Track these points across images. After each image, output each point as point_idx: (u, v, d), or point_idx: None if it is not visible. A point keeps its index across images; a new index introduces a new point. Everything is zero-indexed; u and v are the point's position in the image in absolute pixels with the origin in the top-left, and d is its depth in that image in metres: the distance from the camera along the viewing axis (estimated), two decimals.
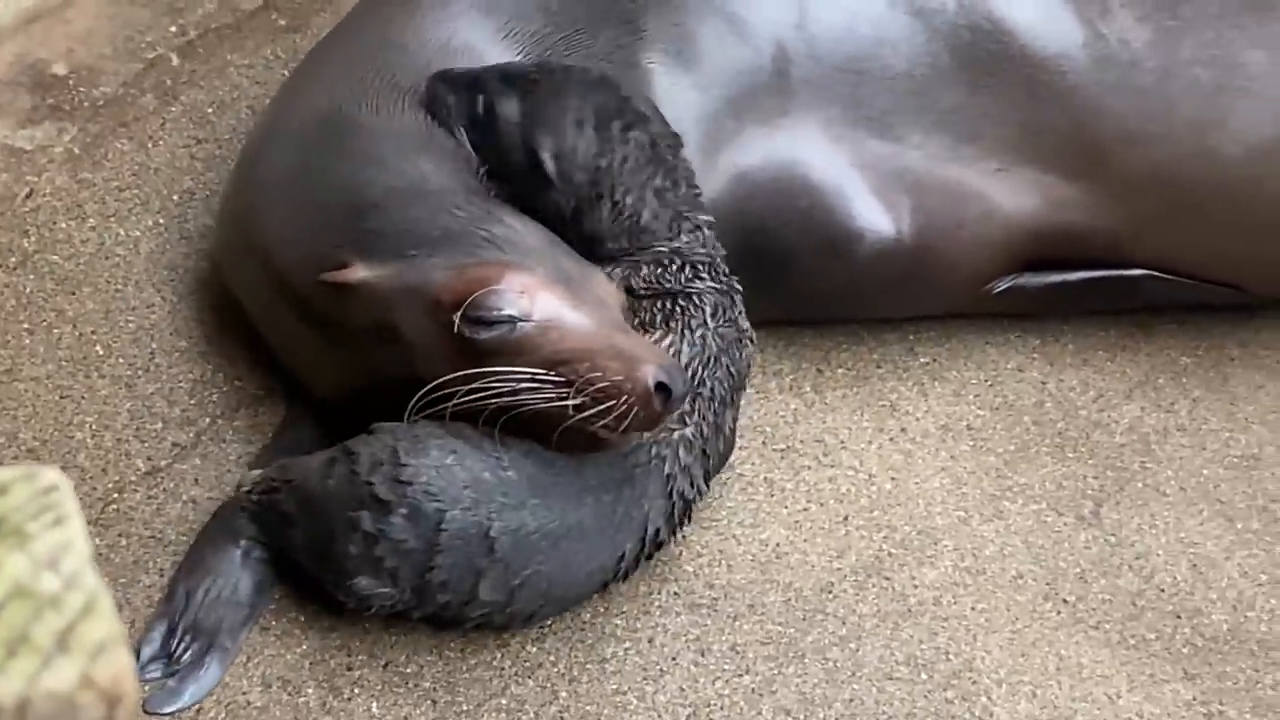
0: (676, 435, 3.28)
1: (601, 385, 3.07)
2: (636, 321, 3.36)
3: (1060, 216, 3.75)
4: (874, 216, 3.68)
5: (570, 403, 3.08)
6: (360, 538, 3.11)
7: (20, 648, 1.35)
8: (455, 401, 3.13)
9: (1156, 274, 3.85)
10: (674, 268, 3.42)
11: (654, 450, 3.25)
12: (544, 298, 3.15)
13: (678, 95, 3.66)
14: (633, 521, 3.24)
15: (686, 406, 3.29)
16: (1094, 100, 3.70)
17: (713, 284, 3.44)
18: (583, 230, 3.42)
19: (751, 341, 3.49)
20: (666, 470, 3.27)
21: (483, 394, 3.12)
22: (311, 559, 3.24)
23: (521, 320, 3.13)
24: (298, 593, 3.34)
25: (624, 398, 3.06)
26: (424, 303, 3.18)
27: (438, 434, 3.15)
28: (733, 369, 3.42)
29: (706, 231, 3.49)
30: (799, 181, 3.67)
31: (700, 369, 3.35)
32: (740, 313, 3.47)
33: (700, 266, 3.44)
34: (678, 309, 3.39)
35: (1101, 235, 3.78)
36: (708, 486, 3.40)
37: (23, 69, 4.08)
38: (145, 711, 3.16)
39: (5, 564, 1.40)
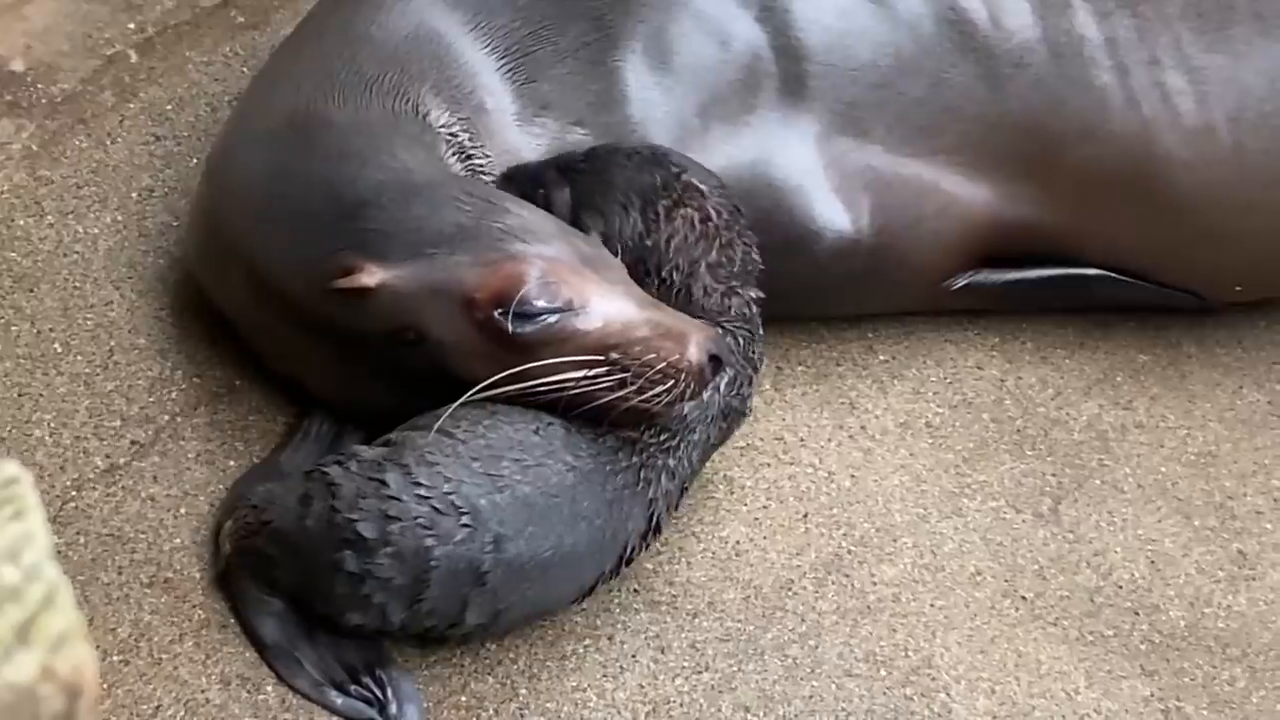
0: (662, 463, 3.28)
1: (659, 366, 3.08)
2: None
3: (1016, 212, 3.77)
4: (834, 215, 3.69)
5: (629, 389, 3.09)
6: (346, 578, 3.07)
7: None
8: (504, 393, 3.12)
9: (1110, 275, 3.87)
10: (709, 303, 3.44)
11: (642, 474, 3.25)
12: (580, 284, 3.14)
13: (645, 94, 3.66)
14: (616, 543, 3.23)
15: (675, 443, 3.30)
16: (1051, 95, 3.72)
17: (741, 358, 3.44)
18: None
19: (747, 414, 3.49)
20: (650, 494, 3.26)
21: (536, 387, 3.12)
22: (298, 596, 3.21)
23: (565, 310, 3.13)
24: None
25: (681, 374, 3.08)
26: (456, 302, 3.15)
27: (429, 456, 3.10)
28: (725, 431, 3.44)
29: (753, 308, 3.50)
30: (762, 181, 3.68)
31: (697, 421, 3.34)
32: (751, 392, 3.48)
33: (739, 338, 3.45)
34: None
35: (1055, 232, 3.80)
36: (678, 506, 3.40)
37: None
38: None
39: None
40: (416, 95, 3.53)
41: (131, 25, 4.30)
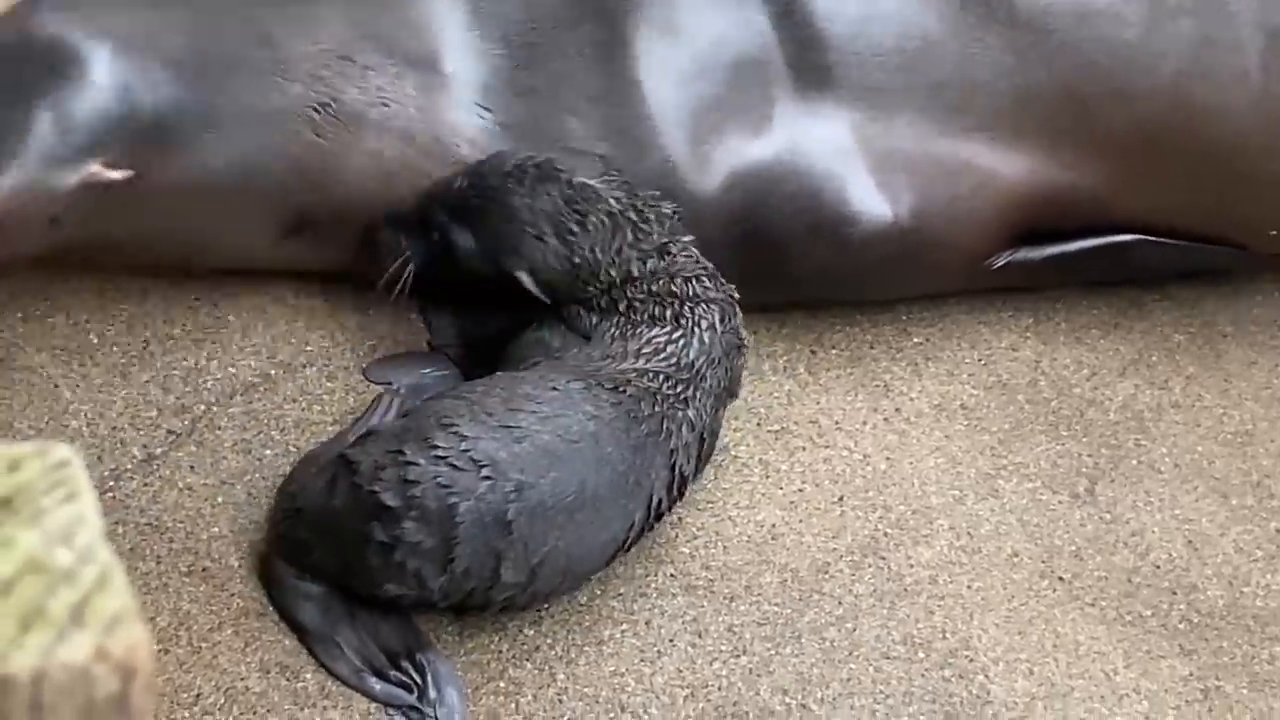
0: (681, 414, 3.30)
1: None
2: (643, 317, 3.39)
3: (1052, 183, 3.75)
4: (868, 199, 3.67)
5: None
6: (377, 548, 3.11)
7: (35, 621, 1.35)
8: None
9: (1149, 238, 3.85)
10: (680, 280, 3.44)
11: (664, 423, 3.27)
12: None
13: (661, 86, 3.66)
14: (641, 490, 3.25)
15: (691, 393, 3.33)
16: (1079, 59, 3.69)
17: (717, 294, 3.46)
18: (586, 303, 3.47)
19: (746, 346, 3.52)
20: (672, 444, 3.28)
21: None
22: (338, 575, 3.24)
23: None
24: None
25: None
26: None
27: (444, 417, 3.16)
28: (730, 372, 3.46)
29: (693, 249, 3.51)
30: (789, 169, 3.67)
31: (705, 367, 3.37)
32: (740, 322, 3.50)
33: (703, 278, 3.47)
34: (686, 310, 3.40)
35: (1093, 199, 3.78)
36: (700, 470, 3.42)
37: None
38: None
39: (19, 539, 1.40)
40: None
41: None
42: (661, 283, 3.44)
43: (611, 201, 3.44)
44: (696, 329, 3.40)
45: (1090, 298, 4.01)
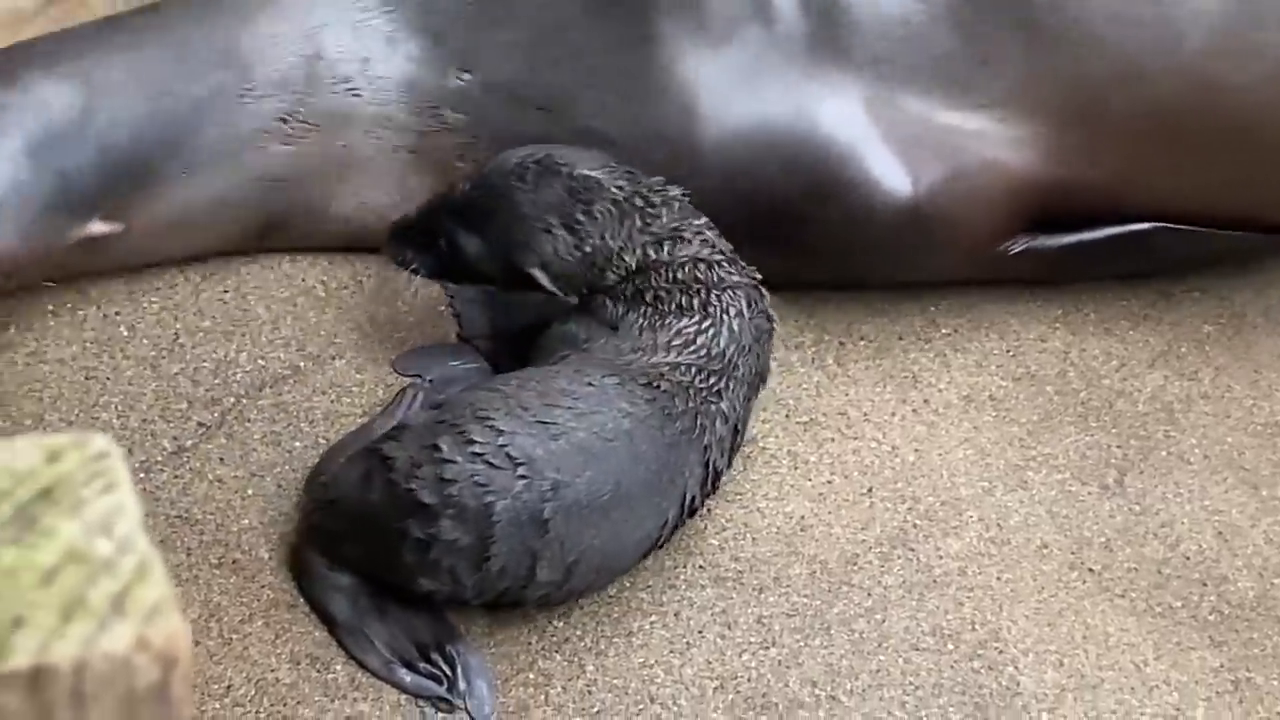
0: (714, 408, 3.30)
1: None
2: (671, 307, 3.39)
3: (1064, 166, 3.72)
4: (876, 168, 3.65)
5: None
6: (412, 544, 3.11)
7: (76, 611, 1.36)
8: None
9: (1168, 225, 3.83)
10: (702, 266, 3.44)
11: (698, 419, 3.27)
12: None
13: (685, 60, 3.65)
14: (675, 488, 3.25)
15: (724, 384, 3.33)
16: (1091, 36, 3.67)
17: (741, 279, 3.46)
18: (611, 294, 3.47)
19: (774, 322, 3.52)
20: (706, 440, 3.28)
21: None
22: (370, 568, 3.24)
23: None
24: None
25: None
26: None
27: (479, 410, 3.16)
28: (760, 358, 3.46)
29: (708, 232, 3.51)
30: (802, 141, 3.66)
31: (736, 355, 3.37)
32: (768, 304, 3.49)
33: (724, 263, 3.47)
34: (712, 297, 3.41)
35: (1106, 182, 3.75)
36: (731, 463, 3.42)
37: None
38: None
39: (59, 529, 1.41)
40: None
41: None
42: (685, 269, 3.43)
43: (615, 190, 3.44)
44: (725, 316, 3.40)
45: (1119, 289, 4.00)
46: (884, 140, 3.66)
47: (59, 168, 3.47)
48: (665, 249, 3.44)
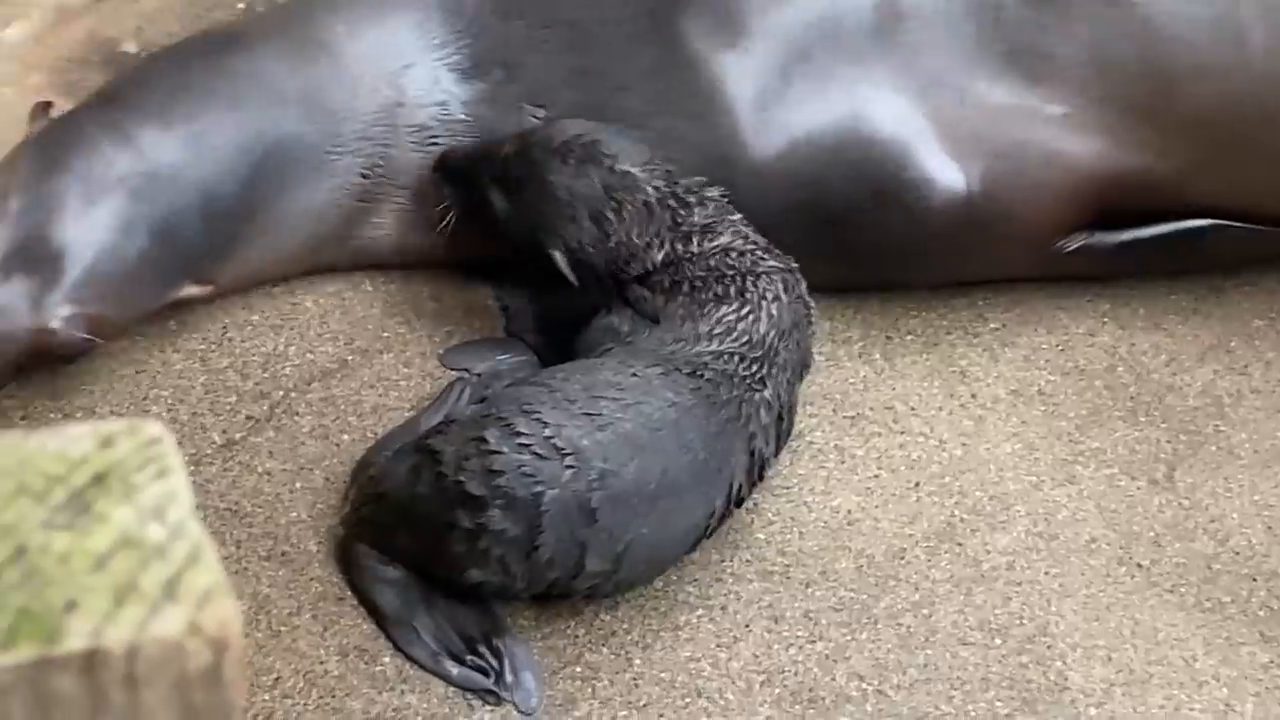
0: (758, 396, 3.30)
1: None
2: (709, 296, 3.39)
3: (1127, 161, 3.70)
4: (936, 166, 3.64)
5: None
6: (462, 535, 3.12)
7: (129, 596, 1.37)
8: None
9: (1227, 223, 3.81)
10: (735, 254, 3.44)
11: (742, 408, 3.27)
12: None
13: (719, 57, 3.65)
14: (720, 477, 3.25)
15: (767, 371, 3.32)
16: (1162, 30, 3.64)
17: (776, 263, 3.46)
18: (649, 285, 3.48)
19: (813, 308, 3.52)
20: (750, 428, 3.28)
21: None
22: (420, 560, 3.25)
23: None
24: None
25: None
26: None
27: (525, 403, 3.17)
28: (800, 343, 3.45)
29: (743, 226, 3.52)
30: (853, 137, 3.64)
31: (776, 340, 3.37)
32: (805, 289, 3.49)
33: (757, 250, 3.47)
34: (749, 284, 3.41)
35: (1168, 178, 3.72)
36: (779, 452, 3.42)
37: (93, 47, 4.11)
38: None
39: (113, 515, 1.42)
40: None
41: (241, 5, 4.33)
42: (716, 258, 3.44)
43: (650, 190, 3.46)
44: (763, 301, 3.40)
45: (1169, 283, 3.98)
46: (944, 138, 3.64)
47: (160, 234, 3.45)
48: (695, 242, 3.45)
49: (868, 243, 3.72)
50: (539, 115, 3.65)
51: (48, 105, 3.61)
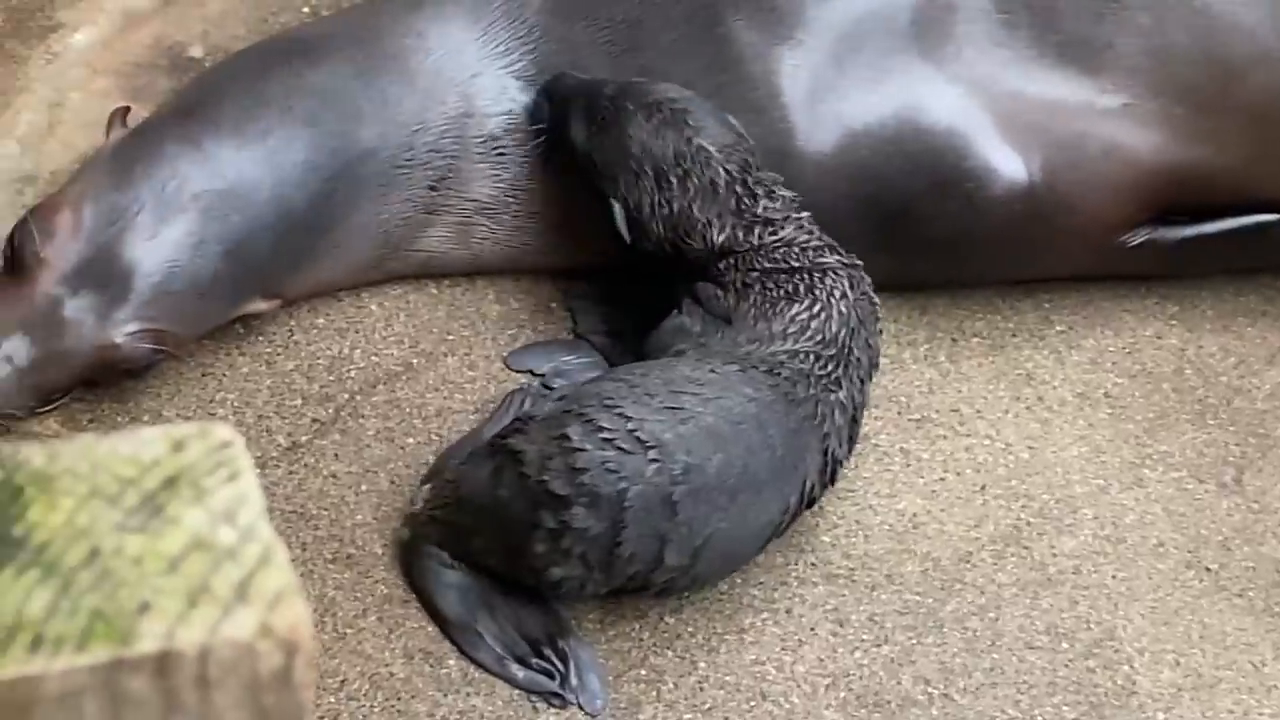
0: (834, 397, 3.30)
1: None
2: (780, 294, 3.39)
3: (1186, 152, 3.67)
4: (996, 157, 3.62)
5: None
6: (545, 534, 3.11)
7: (201, 598, 1.38)
8: None
9: None
10: (796, 249, 3.44)
11: (818, 407, 3.26)
12: None
13: (767, 51, 3.64)
14: (796, 474, 3.24)
15: (842, 371, 3.32)
16: (1221, 19, 3.62)
17: (841, 259, 3.45)
18: (720, 283, 3.49)
19: (878, 304, 3.51)
20: (825, 428, 3.28)
21: None
22: (499, 562, 3.25)
23: None
24: None
25: None
26: None
27: (608, 399, 3.17)
28: (870, 342, 3.44)
29: (808, 223, 3.51)
30: (912, 128, 3.63)
31: (848, 338, 3.36)
32: (870, 286, 3.48)
33: (821, 248, 3.47)
34: (816, 280, 3.40)
35: (1231, 170, 3.69)
36: (850, 453, 3.41)
37: (160, 52, 4.12)
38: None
39: (184, 518, 1.43)
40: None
41: (306, 9, 4.34)
42: (779, 253, 3.43)
43: (721, 171, 3.46)
44: (832, 299, 3.39)
45: (1237, 284, 3.95)
46: (1002, 128, 3.63)
47: (232, 253, 3.46)
48: (756, 234, 3.45)
49: (928, 236, 3.70)
50: None
51: (125, 111, 3.63)
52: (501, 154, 3.68)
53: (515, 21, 3.70)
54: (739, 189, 3.46)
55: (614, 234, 3.52)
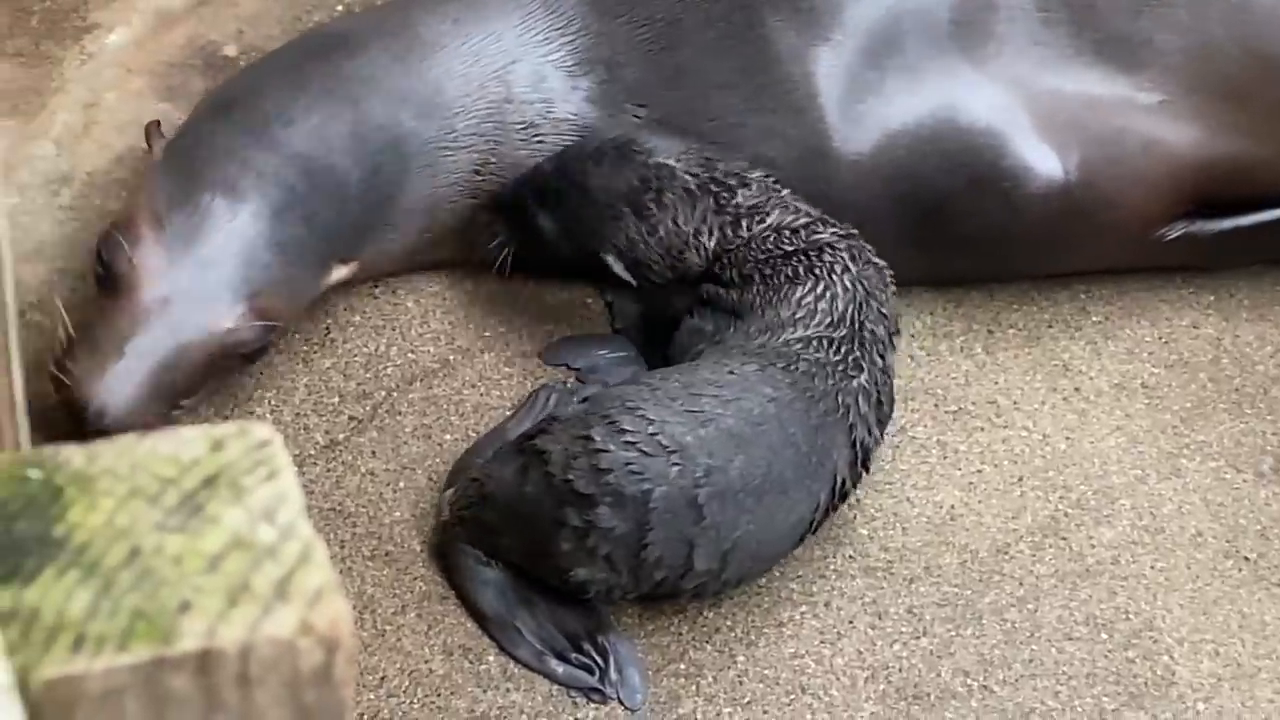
0: (854, 384, 3.29)
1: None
2: (782, 279, 3.38)
3: (1225, 146, 3.66)
4: (1033, 154, 3.61)
5: None
6: (570, 533, 3.13)
7: (241, 596, 1.38)
8: None
9: None
10: (788, 232, 3.45)
11: (840, 398, 3.26)
12: None
13: (805, 51, 3.64)
14: (824, 470, 3.24)
15: (859, 353, 3.31)
16: (1262, 12, 3.61)
17: (836, 231, 3.45)
18: (720, 281, 3.49)
19: (890, 284, 3.49)
20: (850, 419, 3.27)
21: None
22: (526, 561, 3.26)
23: None
24: None
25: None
26: None
27: (630, 402, 3.18)
28: (883, 309, 3.43)
29: (791, 200, 3.51)
30: (950, 126, 3.63)
31: (856, 313, 3.36)
32: (873, 251, 3.48)
33: (811, 224, 3.46)
34: (814, 259, 3.40)
35: (1268, 164, 3.68)
36: (882, 435, 3.40)
37: (194, 52, 4.14)
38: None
39: (224, 517, 1.43)
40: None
41: (340, 8, 4.35)
42: (772, 239, 3.43)
43: (687, 177, 3.47)
44: (833, 275, 3.38)
45: (1273, 273, 3.92)
46: (1040, 126, 3.62)
47: (303, 217, 3.48)
48: (744, 226, 3.45)
49: (966, 233, 3.70)
50: (640, 115, 3.66)
51: (157, 124, 3.65)
52: (541, 141, 3.69)
53: (554, 13, 3.71)
54: (713, 186, 3.47)
55: (619, 283, 3.53)
